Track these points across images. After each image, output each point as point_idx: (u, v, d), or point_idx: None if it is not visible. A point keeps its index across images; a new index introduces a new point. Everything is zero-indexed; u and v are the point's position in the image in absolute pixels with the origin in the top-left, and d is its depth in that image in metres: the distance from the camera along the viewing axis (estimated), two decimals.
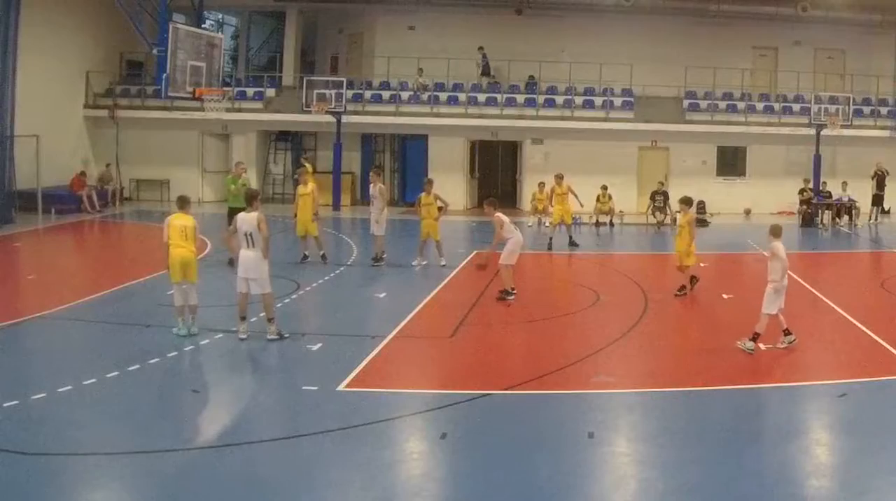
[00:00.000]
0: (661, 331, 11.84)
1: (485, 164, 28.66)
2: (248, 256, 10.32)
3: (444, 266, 15.62)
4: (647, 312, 12.39)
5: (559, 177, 19.17)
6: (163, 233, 10.68)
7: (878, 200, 24.34)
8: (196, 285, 10.67)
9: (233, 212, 15.86)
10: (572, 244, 19.06)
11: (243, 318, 10.50)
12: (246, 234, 10.28)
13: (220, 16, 32.46)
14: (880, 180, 24.29)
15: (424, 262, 15.90)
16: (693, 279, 13.75)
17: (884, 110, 26.92)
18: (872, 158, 24.86)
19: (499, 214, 13.07)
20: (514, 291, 13.04)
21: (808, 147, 25.79)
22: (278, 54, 29.83)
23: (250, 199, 10.59)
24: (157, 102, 25.78)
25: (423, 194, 16.04)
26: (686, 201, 13.81)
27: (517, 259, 13.25)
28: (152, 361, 9.39)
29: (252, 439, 7.28)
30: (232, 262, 13.22)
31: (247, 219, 10.33)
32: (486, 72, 27.73)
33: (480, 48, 27.58)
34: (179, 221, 10.64)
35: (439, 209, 16.00)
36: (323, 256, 15.98)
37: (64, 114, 25.40)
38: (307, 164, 25.12)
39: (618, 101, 26.81)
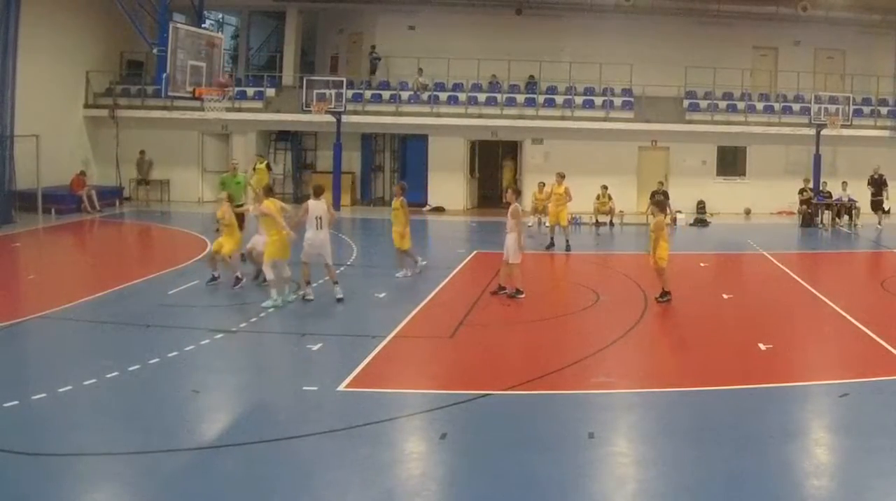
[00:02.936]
0: (662, 331, 11.86)
1: (485, 164, 28.66)
2: (318, 236, 12.46)
3: (417, 271, 14.76)
4: (647, 312, 12.39)
5: (559, 177, 19.13)
6: (300, 213, 12.66)
7: (877, 205, 23.97)
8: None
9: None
10: (566, 248, 18.75)
11: (308, 282, 12.56)
12: (317, 218, 12.40)
13: (220, 16, 32.44)
14: (877, 184, 24.06)
15: (424, 262, 15.68)
16: (665, 293, 12.96)
17: (884, 110, 26.91)
18: (872, 158, 24.79)
19: (518, 204, 13.24)
20: (513, 292, 13.07)
21: (808, 147, 25.76)
22: (278, 54, 29.82)
23: (318, 191, 12.72)
24: (157, 102, 25.80)
25: (394, 199, 15.08)
26: (658, 204, 13.49)
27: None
28: (152, 361, 9.38)
29: (252, 439, 7.27)
30: (244, 257, 13.54)
31: (318, 206, 12.47)
32: (373, 70, 27.90)
33: (372, 47, 27.91)
34: (275, 205, 12.42)
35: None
36: None
37: (64, 114, 25.39)
38: (264, 163, 25.11)
39: (618, 101, 26.80)
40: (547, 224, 19.65)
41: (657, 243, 12.79)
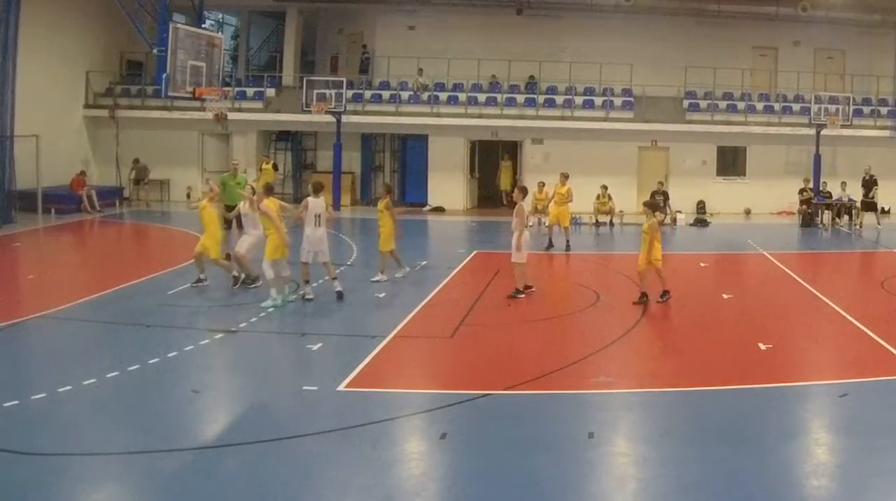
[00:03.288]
0: (661, 331, 11.85)
1: (485, 164, 28.66)
2: (316, 233, 12.48)
3: (375, 281, 14.05)
4: (646, 312, 12.38)
5: (563, 177, 19.11)
6: (299, 209, 12.72)
7: (868, 206, 23.62)
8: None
9: (229, 210, 15.91)
10: (566, 248, 18.75)
11: (307, 281, 12.57)
12: (316, 216, 12.45)
13: (220, 16, 32.46)
14: (868, 185, 23.76)
15: (411, 268, 15.06)
16: (664, 292, 12.88)
17: (884, 110, 26.92)
18: (872, 158, 24.78)
19: (523, 203, 13.23)
20: (524, 291, 13.06)
21: (808, 147, 25.79)
22: (278, 54, 29.83)
23: (318, 189, 12.77)
24: (157, 102, 25.83)
25: (379, 201, 14.58)
26: (650, 205, 13.24)
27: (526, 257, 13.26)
28: (152, 361, 9.38)
29: (252, 439, 7.27)
30: (229, 257, 13.60)
31: (318, 204, 12.53)
32: (363, 69, 28.07)
33: (364, 46, 28.11)
34: (274, 205, 12.44)
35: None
36: None
37: (64, 114, 25.41)
38: (270, 163, 25.12)
39: (618, 101, 26.81)
40: (546, 224, 19.64)
41: (651, 244, 12.77)
